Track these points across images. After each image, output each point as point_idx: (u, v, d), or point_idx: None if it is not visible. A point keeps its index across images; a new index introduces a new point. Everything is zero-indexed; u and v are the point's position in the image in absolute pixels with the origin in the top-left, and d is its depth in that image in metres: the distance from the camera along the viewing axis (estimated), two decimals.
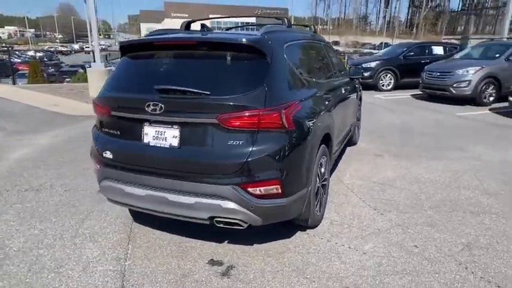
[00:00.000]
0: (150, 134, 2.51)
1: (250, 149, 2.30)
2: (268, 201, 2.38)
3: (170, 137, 2.44)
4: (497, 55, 8.91)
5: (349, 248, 2.84)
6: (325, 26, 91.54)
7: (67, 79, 21.59)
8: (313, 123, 2.75)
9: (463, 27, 56.13)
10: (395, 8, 73.72)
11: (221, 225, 2.47)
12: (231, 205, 2.34)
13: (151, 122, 2.49)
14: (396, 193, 3.86)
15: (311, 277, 2.49)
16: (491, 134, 6.39)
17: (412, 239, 2.96)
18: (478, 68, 8.54)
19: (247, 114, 2.28)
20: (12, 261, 2.68)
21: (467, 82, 8.48)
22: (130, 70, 2.80)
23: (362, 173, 4.46)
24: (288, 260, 2.68)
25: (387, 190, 3.94)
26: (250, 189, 2.34)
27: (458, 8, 66.16)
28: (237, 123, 2.28)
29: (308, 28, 4.53)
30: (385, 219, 3.30)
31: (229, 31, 4.29)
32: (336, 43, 75.33)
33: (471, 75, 8.46)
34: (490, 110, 8.48)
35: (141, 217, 3.30)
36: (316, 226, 3.12)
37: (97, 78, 9.33)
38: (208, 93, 2.33)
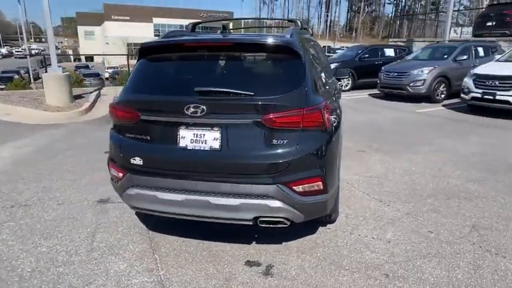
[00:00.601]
0: (188, 137, 2.44)
1: (295, 147, 2.35)
2: (312, 198, 2.45)
3: (211, 139, 2.40)
4: (446, 56, 9.86)
5: (373, 238, 3.00)
6: (269, 30, 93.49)
7: (1, 86, 19.65)
8: (337, 121, 2.87)
9: (397, 31, 60.98)
10: (335, 12, 77.69)
11: (264, 225, 2.48)
12: (278, 204, 2.37)
13: (188, 125, 2.43)
14: (393, 185, 4.14)
15: (350, 268, 2.60)
16: (452, 128, 7.05)
17: (424, 225, 3.20)
18: (431, 68, 9.37)
19: (292, 113, 2.33)
20: (32, 283, 2.44)
21: (422, 81, 9.28)
22: (158, 72, 2.69)
23: (355, 168, 4.69)
24: (322, 255, 2.77)
25: (384, 183, 4.20)
26: (295, 187, 2.38)
27: (392, 13, 71.76)
28: (282, 123, 2.32)
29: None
30: (393, 209, 3.53)
31: (247, 33, 4.24)
32: None
33: (425, 74, 9.27)
34: (443, 106, 9.34)
35: (157, 226, 3.18)
36: (335, 221, 3.24)
37: (55, 84, 8.65)
38: (252, 93, 2.33)
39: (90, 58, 57.05)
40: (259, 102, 2.33)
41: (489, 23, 13.13)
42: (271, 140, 2.35)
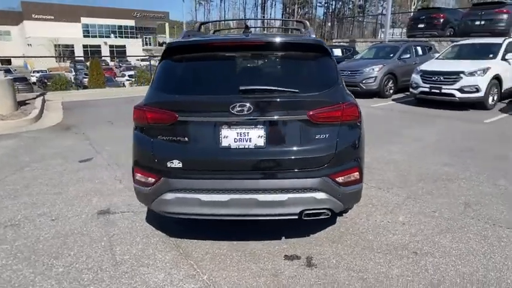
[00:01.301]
0: (231, 137, 2.41)
1: (336, 141, 2.46)
2: (351, 187, 2.57)
3: (255, 137, 2.40)
4: (391, 55, 10.76)
5: (389, 222, 3.23)
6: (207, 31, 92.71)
7: None
8: None
9: (330, 33, 64.66)
10: (270, 14, 79.78)
11: (307, 218, 2.54)
12: (323, 196, 2.45)
13: (231, 124, 2.40)
14: (383, 173, 4.46)
15: (382, 250, 2.78)
16: (410, 119, 7.74)
17: (426, 206, 3.53)
18: (380, 65, 10.17)
19: (333, 108, 2.43)
20: None
21: (374, 78, 10.02)
22: (193, 72, 2.62)
23: None
24: (352, 242, 2.91)
25: (374, 172, 4.51)
26: (337, 179, 2.49)
27: (323, 16, 75.73)
28: (325, 118, 2.41)
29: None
30: (394, 195, 3.82)
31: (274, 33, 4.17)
32: None
33: (376, 72, 10.02)
34: (393, 100, 10.19)
35: (177, 232, 3.07)
36: (349, 210, 3.42)
37: None
38: (297, 91, 2.39)
39: (7, 61, 51.21)
40: (304, 99, 2.40)
41: (420, 25, 14.61)
42: (314, 134, 2.43)
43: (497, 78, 8.26)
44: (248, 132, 2.41)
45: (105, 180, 4.35)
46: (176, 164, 2.44)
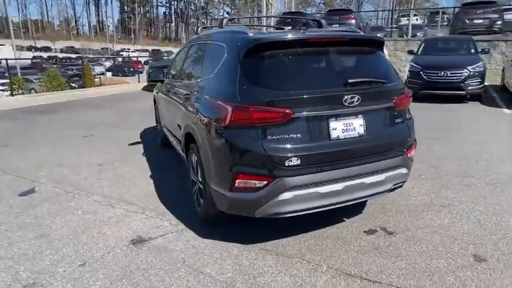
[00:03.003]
0: (339, 128, 2.54)
1: (406, 123, 2.90)
2: (412, 162, 3.06)
3: (358, 126, 2.60)
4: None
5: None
6: (26, 30, 78.45)
7: None
8: None
9: (174, 33, 64.39)
10: (106, 12, 73.48)
11: (391, 192, 2.91)
12: (405, 170, 2.88)
13: (338, 116, 2.52)
14: None
15: (423, 208, 3.39)
16: None
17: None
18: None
19: (406, 95, 2.88)
20: None
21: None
22: (291, 68, 2.60)
23: None
24: (406, 214, 3.30)
25: None
26: (409, 155, 2.93)
27: (164, 15, 74.64)
28: (402, 104, 2.84)
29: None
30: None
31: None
32: (48, 49, 66.26)
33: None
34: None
35: (252, 238, 2.93)
36: None
37: None
38: (386, 81, 2.69)
39: None
40: (390, 88, 2.75)
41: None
42: (395, 119, 2.81)
43: None
44: (352, 122, 2.59)
45: None
46: (295, 161, 2.40)
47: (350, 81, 2.58)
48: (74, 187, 4.13)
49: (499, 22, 13.93)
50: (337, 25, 13.85)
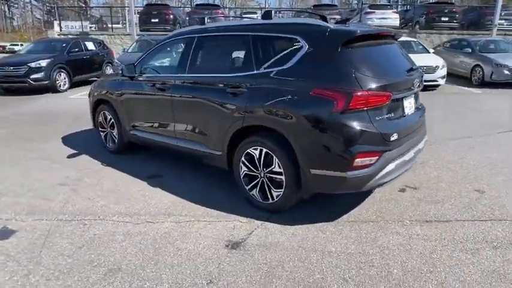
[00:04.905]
0: (408, 106, 3.15)
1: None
2: None
3: (413, 104, 3.28)
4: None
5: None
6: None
7: None
8: None
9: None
10: None
11: None
12: (426, 137, 3.69)
13: (406, 97, 3.12)
14: None
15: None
16: None
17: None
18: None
19: None
20: None
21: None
22: (370, 57, 2.96)
23: None
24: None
25: None
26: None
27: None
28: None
29: None
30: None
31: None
32: None
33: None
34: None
35: (312, 220, 3.20)
36: None
37: None
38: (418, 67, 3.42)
39: None
40: (421, 73, 3.49)
41: (154, 20, 15.61)
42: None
43: None
44: (411, 101, 3.25)
45: None
46: (395, 136, 2.86)
47: (413, 67, 3.24)
48: (83, 214, 3.30)
49: None
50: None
